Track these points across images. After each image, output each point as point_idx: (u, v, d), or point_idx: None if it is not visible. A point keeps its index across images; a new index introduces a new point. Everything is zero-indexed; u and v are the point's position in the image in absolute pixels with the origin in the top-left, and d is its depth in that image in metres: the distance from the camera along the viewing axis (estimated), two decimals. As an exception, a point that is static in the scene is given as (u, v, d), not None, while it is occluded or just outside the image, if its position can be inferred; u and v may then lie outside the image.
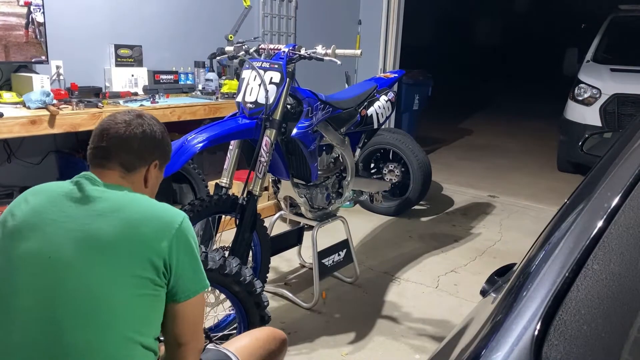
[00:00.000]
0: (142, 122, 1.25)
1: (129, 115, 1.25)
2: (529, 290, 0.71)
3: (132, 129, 1.22)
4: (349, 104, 2.57)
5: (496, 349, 0.65)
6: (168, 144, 1.33)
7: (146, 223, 1.13)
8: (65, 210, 1.13)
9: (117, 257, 1.09)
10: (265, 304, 1.77)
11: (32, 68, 2.86)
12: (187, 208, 1.96)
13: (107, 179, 1.20)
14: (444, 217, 4.01)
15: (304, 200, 2.51)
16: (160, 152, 1.30)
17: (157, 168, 1.30)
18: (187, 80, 3.48)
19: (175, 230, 1.15)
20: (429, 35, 12.70)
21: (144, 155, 1.25)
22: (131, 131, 1.22)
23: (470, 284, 2.89)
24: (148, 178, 1.28)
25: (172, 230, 1.15)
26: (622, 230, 0.75)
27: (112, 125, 1.22)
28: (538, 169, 5.64)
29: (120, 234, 1.11)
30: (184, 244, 1.16)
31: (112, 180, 1.21)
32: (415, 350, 2.27)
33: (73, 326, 1.06)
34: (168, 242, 1.13)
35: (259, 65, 2.15)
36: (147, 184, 1.29)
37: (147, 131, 1.25)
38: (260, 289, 1.75)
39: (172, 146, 1.40)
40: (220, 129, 2.02)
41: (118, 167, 1.22)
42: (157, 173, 1.31)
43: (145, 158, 1.26)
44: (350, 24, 5.05)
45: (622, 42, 5.74)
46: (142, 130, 1.24)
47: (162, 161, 1.31)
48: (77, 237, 1.10)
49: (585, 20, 7.27)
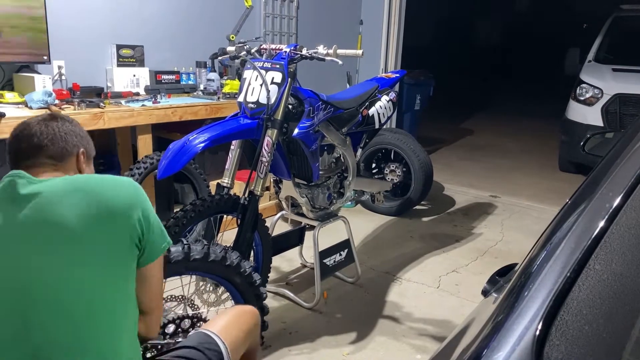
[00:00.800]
0: (55, 117, 1.25)
1: (40, 117, 1.24)
2: (531, 290, 0.71)
3: (47, 123, 1.21)
4: (351, 104, 2.57)
5: (497, 349, 0.65)
6: (86, 134, 1.30)
7: (110, 195, 1.10)
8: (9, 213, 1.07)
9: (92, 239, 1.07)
10: (264, 296, 1.80)
11: (34, 68, 2.87)
12: (188, 208, 1.96)
13: (41, 175, 1.16)
14: (445, 217, 4.01)
15: (306, 200, 2.51)
16: (83, 142, 1.27)
17: (85, 158, 1.27)
18: (189, 81, 3.48)
19: (139, 196, 1.14)
20: (430, 35, 12.71)
21: (69, 143, 1.23)
22: (48, 125, 1.21)
23: (471, 284, 2.89)
24: (81, 168, 1.26)
25: (137, 197, 1.13)
26: (623, 230, 0.75)
27: (26, 127, 1.20)
28: (539, 169, 5.64)
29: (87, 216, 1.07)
30: (148, 205, 1.15)
31: (46, 174, 1.17)
32: (417, 350, 2.27)
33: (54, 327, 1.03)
34: (138, 210, 1.12)
35: (261, 66, 2.15)
36: (82, 170, 1.27)
37: (62, 123, 1.24)
38: (260, 281, 1.77)
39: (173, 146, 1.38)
40: (221, 129, 2.02)
41: (48, 160, 1.19)
42: (87, 163, 1.28)
43: (71, 146, 1.24)
44: (352, 24, 5.05)
45: (623, 42, 5.73)
46: (56, 123, 1.23)
47: (88, 151, 1.29)
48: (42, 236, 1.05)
49: (587, 20, 7.27)
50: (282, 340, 2.29)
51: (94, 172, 1.31)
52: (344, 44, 4.68)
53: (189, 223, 1.96)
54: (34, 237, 1.05)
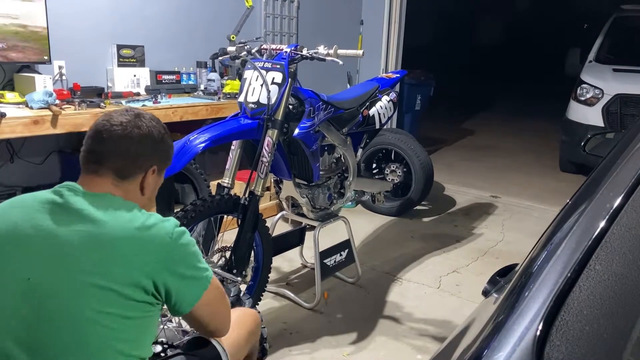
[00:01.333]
0: (141, 123, 1.15)
1: (126, 116, 1.15)
2: (531, 290, 0.71)
3: (128, 132, 1.12)
4: (351, 104, 2.57)
5: (498, 349, 0.65)
6: (169, 146, 1.23)
7: (128, 242, 1.05)
8: (42, 225, 1.04)
9: (101, 282, 1.02)
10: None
11: (34, 68, 2.87)
12: (189, 208, 1.96)
13: (97, 187, 1.11)
14: (445, 218, 4.01)
15: (306, 200, 2.51)
16: (159, 157, 1.20)
17: (155, 174, 1.20)
18: (189, 81, 3.48)
19: (163, 250, 1.08)
20: (431, 35, 12.70)
21: (140, 161, 1.15)
22: (127, 134, 1.12)
23: (472, 285, 2.88)
24: (145, 185, 1.18)
25: (160, 249, 1.07)
26: (624, 230, 0.75)
27: (107, 127, 1.12)
28: (540, 170, 5.63)
29: (103, 256, 1.03)
30: (176, 259, 1.10)
31: (102, 188, 1.11)
32: (417, 351, 2.26)
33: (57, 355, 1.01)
34: (155, 262, 1.06)
35: (261, 66, 2.15)
36: (144, 192, 1.19)
37: (145, 133, 1.15)
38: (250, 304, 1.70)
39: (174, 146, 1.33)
40: (222, 129, 2.02)
41: (111, 174, 1.12)
42: (155, 179, 1.21)
43: (142, 164, 1.16)
44: (352, 24, 5.05)
45: (624, 42, 5.73)
46: (139, 132, 1.14)
47: (161, 166, 1.21)
48: (56, 257, 1.02)
49: (588, 20, 7.26)
50: (283, 340, 2.29)
51: (161, 183, 1.25)
52: (345, 44, 4.66)
53: (189, 223, 1.96)
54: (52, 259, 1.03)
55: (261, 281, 2.30)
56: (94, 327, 1.02)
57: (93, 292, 1.02)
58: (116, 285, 1.03)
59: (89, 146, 1.14)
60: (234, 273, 2.08)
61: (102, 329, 1.02)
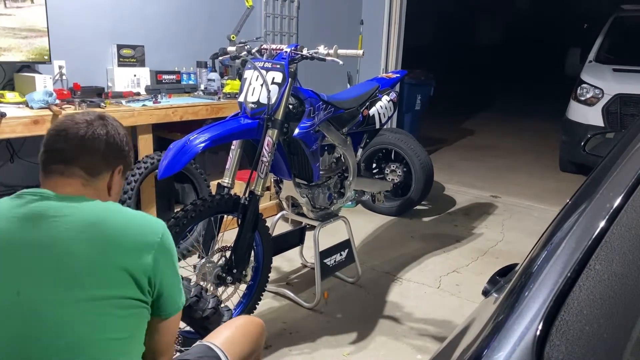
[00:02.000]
0: (105, 123, 1.14)
1: (89, 116, 1.13)
2: (531, 290, 0.71)
3: (95, 129, 1.11)
4: (351, 104, 2.57)
5: (498, 349, 0.65)
6: (131, 148, 1.22)
7: (124, 238, 1.04)
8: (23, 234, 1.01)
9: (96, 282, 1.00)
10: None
11: (34, 68, 2.87)
12: (189, 208, 1.96)
13: (67, 188, 1.08)
14: (445, 217, 4.01)
15: (306, 200, 2.51)
16: (125, 157, 1.19)
17: (120, 174, 1.18)
18: (190, 81, 3.48)
19: (157, 245, 1.07)
20: (431, 35, 12.70)
21: (109, 158, 1.13)
22: (94, 131, 1.11)
23: (472, 284, 2.89)
24: (112, 185, 1.16)
25: (154, 245, 1.07)
26: (624, 230, 0.75)
27: (71, 125, 1.10)
28: (540, 170, 5.64)
29: (95, 255, 1.01)
30: (167, 258, 1.10)
31: (72, 190, 1.08)
32: (417, 351, 2.26)
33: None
34: (151, 258, 1.06)
35: (261, 66, 2.15)
36: (111, 192, 1.17)
37: (112, 133, 1.14)
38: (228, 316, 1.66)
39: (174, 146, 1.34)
40: (222, 129, 2.02)
41: (80, 173, 1.09)
42: (119, 179, 1.19)
43: (110, 162, 1.14)
44: (353, 24, 5.05)
45: (624, 42, 5.73)
46: (106, 131, 1.13)
47: (126, 167, 1.20)
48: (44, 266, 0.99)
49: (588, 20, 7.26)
50: (283, 340, 2.29)
51: (122, 186, 1.24)
52: (345, 44, 4.68)
53: (189, 223, 1.96)
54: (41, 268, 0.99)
55: (261, 281, 2.30)
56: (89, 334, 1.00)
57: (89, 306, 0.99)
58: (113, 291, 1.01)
59: (52, 145, 1.10)
60: (234, 273, 2.08)
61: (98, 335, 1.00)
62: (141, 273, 1.04)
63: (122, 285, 1.03)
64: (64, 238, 1.01)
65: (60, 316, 0.98)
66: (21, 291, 0.98)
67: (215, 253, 2.15)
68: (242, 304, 2.28)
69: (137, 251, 1.05)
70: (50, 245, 1.00)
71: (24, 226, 1.01)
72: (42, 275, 0.99)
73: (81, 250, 1.01)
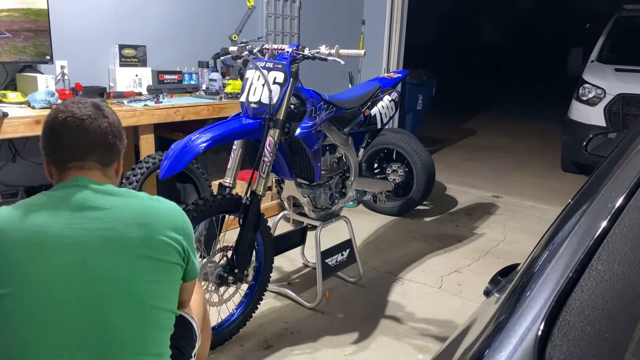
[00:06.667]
0: (105, 111, 1.20)
1: (86, 108, 1.16)
2: (533, 290, 0.71)
3: (99, 123, 1.16)
4: (353, 104, 2.57)
5: (499, 349, 0.65)
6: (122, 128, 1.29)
7: (164, 220, 1.18)
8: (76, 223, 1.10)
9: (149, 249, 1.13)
10: None
11: (36, 68, 2.88)
12: (190, 208, 1.96)
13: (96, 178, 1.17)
14: (447, 217, 4.01)
15: (308, 200, 2.51)
16: (124, 139, 1.26)
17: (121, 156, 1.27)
18: (191, 80, 3.49)
19: (184, 222, 1.22)
20: (432, 35, 12.70)
21: (116, 146, 1.21)
22: (100, 125, 1.16)
23: (473, 284, 2.88)
24: (119, 168, 1.26)
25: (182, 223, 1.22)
26: (626, 230, 0.75)
27: (77, 122, 1.14)
28: (542, 170, 5.63)
29: (145, 233, 1.13)
30: (191, 236, 1.25)
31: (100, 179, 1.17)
32: (419, 351, 2.26)
33: (119, 324, 1.09)
34: (182, 233, 1.20)
35: (263, 66, 2.15)
36: (118, 174, 1.27)
37: (112, 120, 1.20)
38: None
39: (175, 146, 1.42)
40: (224, 128, 2.02)
41: (96, 165, 1.17)
42: (121, 160, 1.28)
43: (119, 149, 1.22)
44: (354, 24, 5.05)
45: (626, 42, 5.72)
46: (109, 121, 1.18)
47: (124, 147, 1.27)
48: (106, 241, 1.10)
49: (590, 20, 7.25)
50: (284, 340, 2.30)
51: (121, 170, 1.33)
52: (346, 44, 4.68)
53: (191, 223, 1.96)
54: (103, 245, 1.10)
55: (263, 281, 2.30)
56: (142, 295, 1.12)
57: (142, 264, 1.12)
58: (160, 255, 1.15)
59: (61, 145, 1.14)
60: (235, 272, 2.08)
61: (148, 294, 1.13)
62: (178, 245, 1.19)
63: (166, 253, 1.16)
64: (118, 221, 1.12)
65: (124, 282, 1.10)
66: (85, 258, 1.08)
67: (216, 253, 2.15)
68: (244, 304, 2.28)
69: (175, 231, 1.18)
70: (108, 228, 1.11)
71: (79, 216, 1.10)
72: (105, 246, 1.10)
73: (134, 231, 1.12)
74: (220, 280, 2.09)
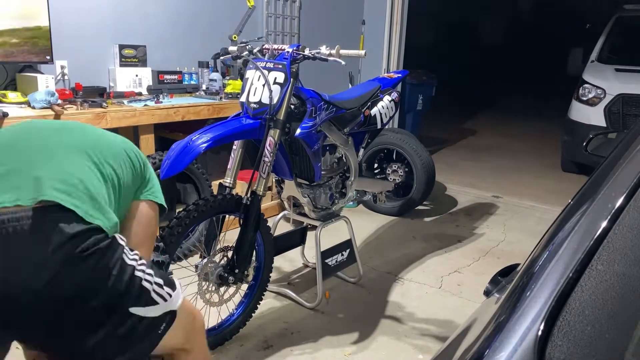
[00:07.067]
0: None
1: None
2: (533, 290, 0.71)
3: None
4: (353, 104, 2.57)
5: (499, 349, 0.65)
6: None
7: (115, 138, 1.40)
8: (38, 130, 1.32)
9: (91, 153, 1.30)
10: None
11: (36, 68, 2.88)
12: (191, 208, 1.96)
13: None
14: (447, 218, 4.01)
15: (308, 200, 2.51)
16: None
17: None
18: (191, 80, 3.49)
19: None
20: (432, 35, 12.69)
21: None
22: None
23: (473, 285, 2.88)
24: None
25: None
26: (626, 230, 0.75)
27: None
28: (542, 170, 5.63)
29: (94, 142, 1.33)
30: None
31: None
32: (419, 351, 2.26)
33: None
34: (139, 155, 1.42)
35: (263, 66, 2.15)
36: None
37: None
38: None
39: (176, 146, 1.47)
40: (224, 129, 2.02)
41: None
42: None
43: None
44: (354, 24, 5.05)
45: (626, 42, 5.72)
46: None
47: None
48: (62, 136, 1.30)
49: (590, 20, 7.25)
50: (284, 340, 2.30)
51: None
52: (347, 44, 4.68)
53: (191, 223, 1.96)
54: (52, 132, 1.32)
55: (263, 281, 2.30)
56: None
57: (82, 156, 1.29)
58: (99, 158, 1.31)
59: None
60: (235, 272, 2.08)
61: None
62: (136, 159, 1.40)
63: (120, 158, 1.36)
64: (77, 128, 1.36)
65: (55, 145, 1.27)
66: (47, 137, 1.28)
67: (217, 253, 2.15)
68: (244, 304, 2.28)
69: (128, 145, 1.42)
70: (66, 130, 1.33)
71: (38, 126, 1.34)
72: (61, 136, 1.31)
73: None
74: (221, 280, 2.09)
